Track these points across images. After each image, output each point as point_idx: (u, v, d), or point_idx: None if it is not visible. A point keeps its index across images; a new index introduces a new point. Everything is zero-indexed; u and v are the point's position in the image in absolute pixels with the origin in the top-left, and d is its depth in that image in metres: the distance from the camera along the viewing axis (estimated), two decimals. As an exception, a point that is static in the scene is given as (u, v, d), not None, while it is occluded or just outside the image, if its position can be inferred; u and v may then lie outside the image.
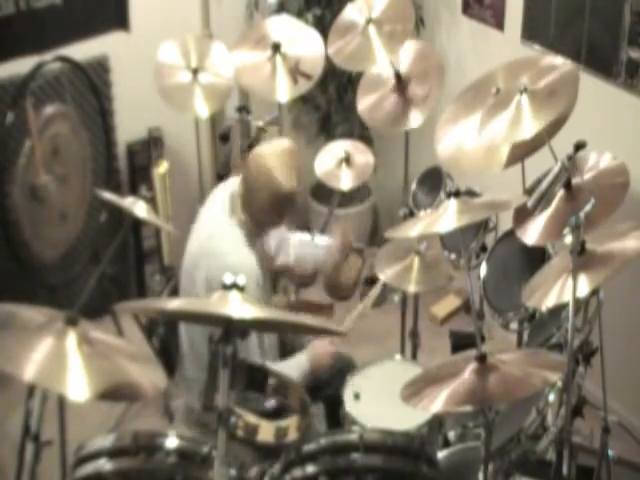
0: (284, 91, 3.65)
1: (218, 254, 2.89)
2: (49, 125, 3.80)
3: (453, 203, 2.54)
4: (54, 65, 3.85)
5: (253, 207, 2.95)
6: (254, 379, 2.32)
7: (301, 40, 3.72)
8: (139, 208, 2.58)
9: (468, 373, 2.27)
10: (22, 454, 2.57)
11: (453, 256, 3.38)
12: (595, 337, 2.72)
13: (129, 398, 2.25)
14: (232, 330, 2.15)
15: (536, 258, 3.03)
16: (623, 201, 2.72)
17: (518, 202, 2.78)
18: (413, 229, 2.64)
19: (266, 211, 2.95)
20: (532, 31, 3.84)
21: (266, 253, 3.14)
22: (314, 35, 3.73)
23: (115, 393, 1.99)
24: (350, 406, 2.98)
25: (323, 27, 3.92)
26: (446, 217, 2.51)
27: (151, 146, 4.32)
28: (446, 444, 3.01)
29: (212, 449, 2.33)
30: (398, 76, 3.46)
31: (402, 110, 3.44)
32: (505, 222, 3.21)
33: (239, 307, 2.12)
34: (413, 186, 3.69)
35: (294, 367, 3.01)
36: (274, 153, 2.93)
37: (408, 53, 3.51)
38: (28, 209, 3.75)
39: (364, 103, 3.56)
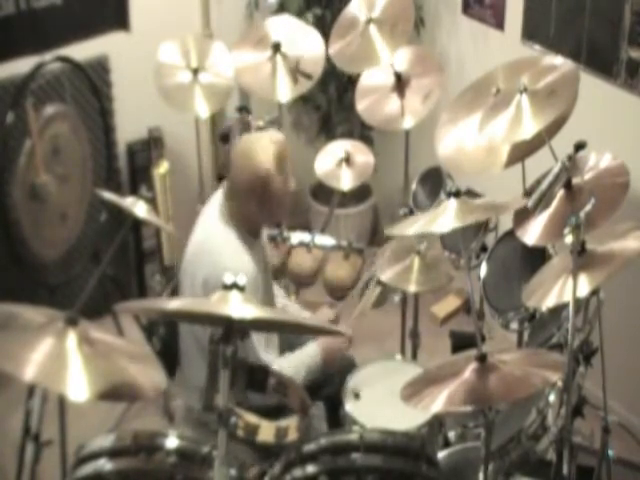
0: (284, 91, 3.65)
1: (213, 256, 2.89)
2: (49, 125, 3.80)
3: (453, 203, 2.54)
4: (54, 65, 3.84)
5: (233, 192, 2.94)
6: (254, 379, 2.32)
7: (301, 40, 3.72)
8: (139, 208, 2.57)
9: (468, 373, 2.27)
10: (22, 454, 2.57)
11: (453, 256, 3.38)
12: (595, 337, 2.72)
13: (129, 398, 2.25)
14: (232, 330, 2.15)
15: (536, 258, 3.03)
16: (623, 201, 2.72)
17: (517, 205, 2.79)
18: (412, 228, 2.64)
19: (245, 196, 2.92)
20: (532, 31, 3.84)
21: (265, 254, 3.13)
22: (314, 35, 3.73)
23: (115, 393, 1.99)
24: (350, 406, 2.98)
25: (323, 27, 3.92)
26: (446, 217, 2.51)
27: (151, 146, 4.32)
28: (446, 444, 3.01)
29: (212, 449, 2.33)
30: (398, 76, 3.47)
31: (402, 110, 3.44)
32: (505, 222, 3.21)
33: (239, 307, 2.12)
34: (413, 186, 3.70)
35: (306, 358, 3.02)
36: (260, 138, 2.98)
37: (408, 53, 3.52)
38: (28, 209, 3.74)
39: (364, 103, 3.57)
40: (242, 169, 2.93)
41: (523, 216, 2.90)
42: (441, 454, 2.82)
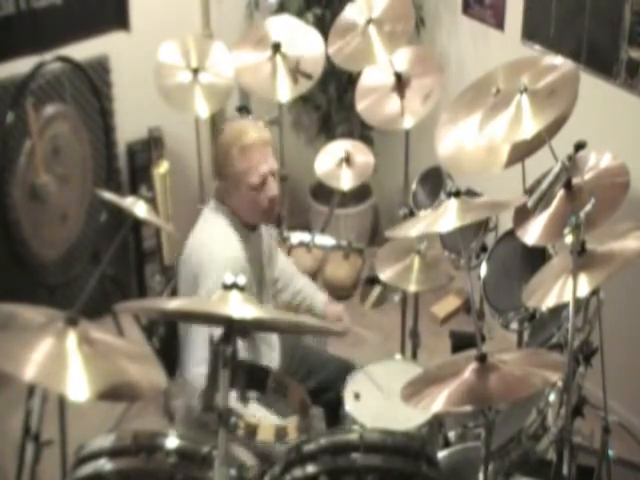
0: (284, 91, 3.65)
1: (201, 245, 2.92)
2: (49, 125, 3.80)
3: (453, 203, 2.54)
4: (54, 65, 3.84)
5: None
6: (254, 379, 2.32)
7: (301, 40, 3.72)
8: (139, 208, 2.57)
9: (468, 373, 2.27)
10: (22, 454, 2.57)
11: (453, 256, 3.38)
12: (595, 337, 2.72)
13: (129, 398, 2.25)
14: (232, 330, 2.15)
15: (536, 258, 3.03)
16: (623, 201, 2.72)
17: (518, 203, 2.79)
18: (413, 229, 2.64)
19: (216, 174, 2.99)
20: (532, 31, 3.84)
21: (262, 248, 3.12)
22: (314, 34, 3.74)
23: (115, 393, 1.99)
24: (350, 406, 2.98)
25: (323, 27, 3.92)
26: (446, 217, 2.51)
27: (151, 146, 4.32)
28: (446, 444, 3.01)
29: (212, 449, 2.32)
30: (398, 76, 3.47)
31: (402, 110, 3.44)
32: (505, 222, 3.21)
33: (239, 307, 2.12)
34: (413, 186, 3.69)
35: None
36: (241, 122, 3.07)
37: (408, 53, 3.52)
38: (28, 209, 3.75)
39: (364, 103, 3.57)
40: (215, 145, 3.01)
41: (523, 216, 2.90)
42: (441, 454, 2.82)
